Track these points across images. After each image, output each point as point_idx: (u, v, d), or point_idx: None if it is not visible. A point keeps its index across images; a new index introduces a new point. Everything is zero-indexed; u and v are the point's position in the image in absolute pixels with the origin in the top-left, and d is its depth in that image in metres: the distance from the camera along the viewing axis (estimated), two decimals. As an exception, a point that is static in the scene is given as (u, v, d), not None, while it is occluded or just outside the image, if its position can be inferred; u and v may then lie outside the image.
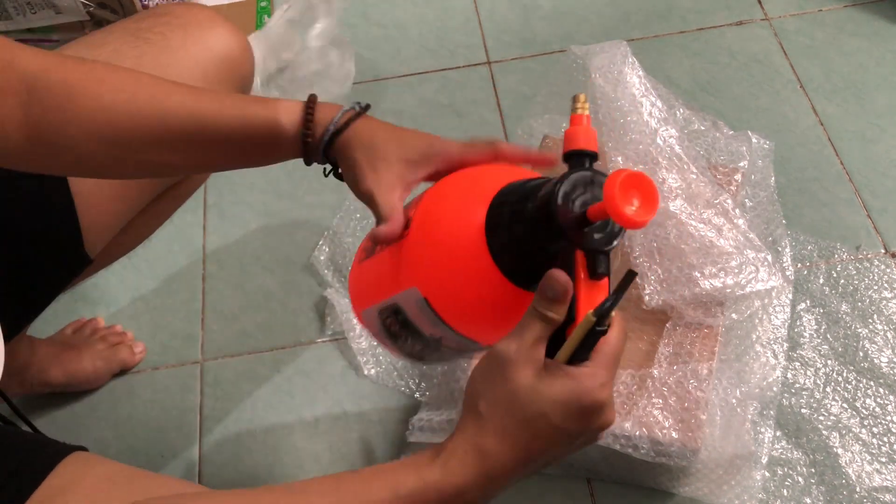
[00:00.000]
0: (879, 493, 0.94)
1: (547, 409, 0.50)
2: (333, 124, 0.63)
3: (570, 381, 0.50)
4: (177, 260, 1.19)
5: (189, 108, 0.63)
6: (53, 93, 0.59)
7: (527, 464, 0.51)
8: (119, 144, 0.62)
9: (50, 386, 1.04)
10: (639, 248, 0.90)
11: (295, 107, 0.64)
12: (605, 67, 0.95)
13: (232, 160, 0.69)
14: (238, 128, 0.63)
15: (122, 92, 0.62)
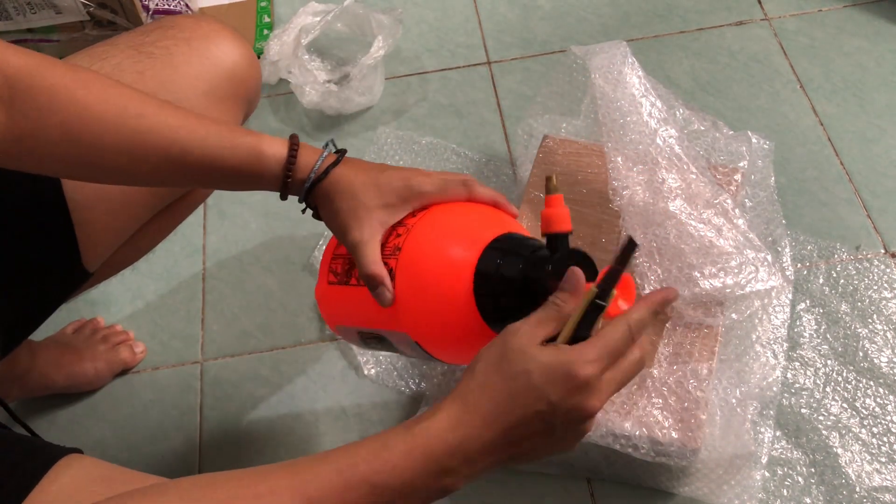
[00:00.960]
0: (879, 492, 0.94)
1: (530, 367, 0.53)
2: (314, 172, 0.67)
3: (558, 351, 0.54)
4: (177, 260, 1.19)
5: (175, 132, 0.64)
6: (35, 95, 0.59)
7: (505, 430, 0.53)
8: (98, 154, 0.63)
9: (51, 388, 1.04)
10: (639, 248, 0.90)
11: (279, 148, 0.67)
12: (605, 67, 0.95)
13: (211, 185, 0.73)
14: (220, 159, 0.65)
15: (108, 104, 0.62)
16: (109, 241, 0.81)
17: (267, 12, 1.44)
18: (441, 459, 0.53)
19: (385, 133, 1.28)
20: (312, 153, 0.68)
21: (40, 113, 0.60)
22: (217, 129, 0.66)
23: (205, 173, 0.66)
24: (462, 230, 0.66)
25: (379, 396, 1.05)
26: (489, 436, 0.53)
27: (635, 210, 0.90)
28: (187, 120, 0.65)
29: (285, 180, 0.67)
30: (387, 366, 1.07)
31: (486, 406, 0.53)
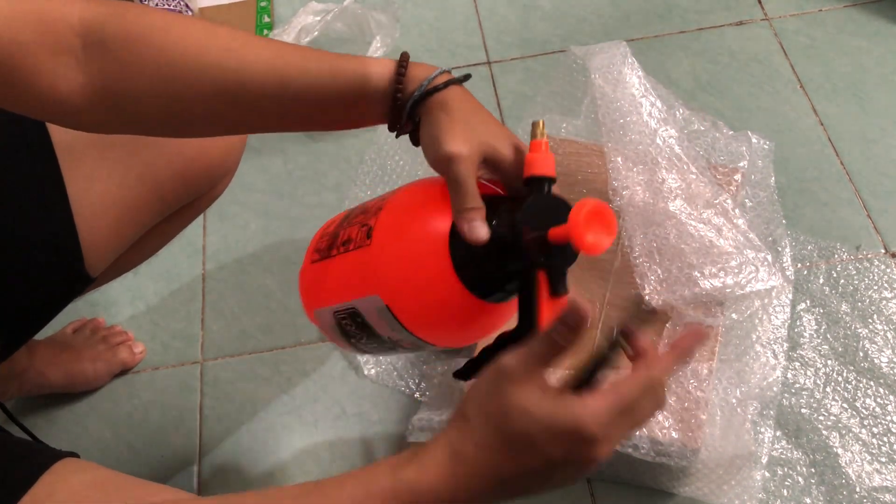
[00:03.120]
0: (879, 493, 0.94)
1: (533, 430, 0.48)
2: (429, 80, 0.59)
3: (564, 406, 0.48)
4: (177, 260, 1.19)
5: (270, 63, 0.57)
6: (111, 47, 0.55)
7: (503, 481, 0.50)
8: (188, 100, 0.57)
9: (50, 387, 1.04)
10: (639, 248, 0.90)
11: (387, 63, 0.60)
12: (604, 67, 0.95)
13: (313, 120, 0.63)
14: (324, 83, 0.58)
15: (191, 44, 0.56)
16: (113, 248, 0.81)
17: (267, 12, 1.44)
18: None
19: (385, 133, 1.28)
20: (426, 68, 0.60)
21: (120, 65, 0.55)
22: (316, 55, 0.59)
23: (307, 104, 0.59)
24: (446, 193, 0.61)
25: (379, 396, 1.05)
26: (481, 490, 0.50)
27: (635, 210, 0.90)
28: (282, 49, 0.59)
29: (395, 94, 0.58)
30: (387, 366, 1.07)
31: (481, 463, 0.49)
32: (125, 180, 0.78)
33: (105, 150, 0.76)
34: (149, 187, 0.80)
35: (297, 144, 1.29)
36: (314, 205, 1.23)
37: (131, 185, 0.79)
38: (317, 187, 1.24)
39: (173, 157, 0.80)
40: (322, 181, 1.25)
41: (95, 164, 0.76)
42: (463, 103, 0.59)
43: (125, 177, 0.78)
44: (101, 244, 0.79)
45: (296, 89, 0.58)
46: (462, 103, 0.59)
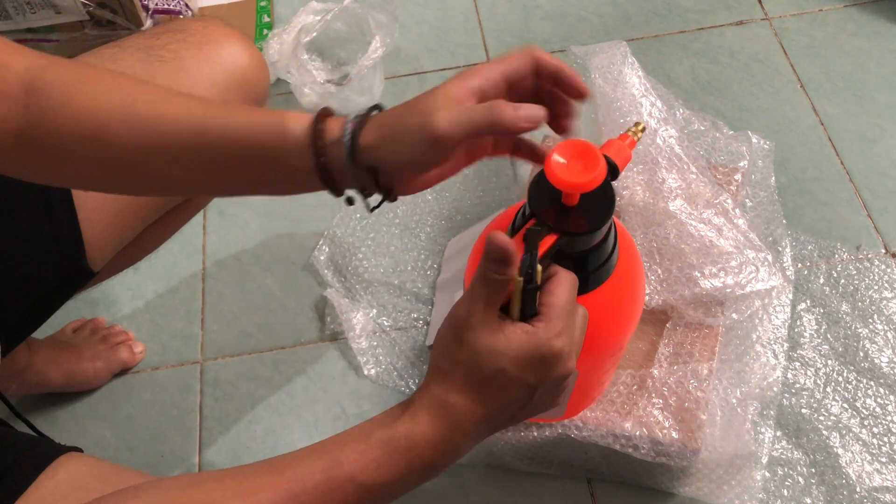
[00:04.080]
0: (880, 493, 0.94)
1: (505, 365, 0.52)
2: (348, 125, 0.55)
3: (524, 335, 0.52)
4: (177, 260, 1.19)
5: (190, 114, 0.58)
6: (49, 93, 0.57)
7: (490, 417, 0.54)
8: (114, 149, 0.58)
9: (49, 386, 1.04)
10: (639, 248, 0.90)
11: (304, 115, 0.58)
12: (604, 67, 0.95)
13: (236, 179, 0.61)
14: (242, 133, 0.57)
15: (119, 94, 0.58)
16: (115, 242, 0.81)
17: (267, 12, 1.43)
18: (426, 456, 0.53)
19: (385, 133, 1.28)
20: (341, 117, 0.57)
21: (55, 112, 0.57)
22: (238, 109, 0.59)
23: (226, 160, 0.58)
24: None
25: (379, 396, 1.05)
26: (471, 428, 0.54)
27: (635, 210, 0.90)
28: (202, 103, 0.59)
29: (316, 150, 0.55)
30: (387, 366, 1.07)
31: (467, 407, 0.53)
32: None
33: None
34: None
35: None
36: (314, 205, 1.23)
37: None
38: (317, 187, 1.24)
39: None
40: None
41: None
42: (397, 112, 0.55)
43: None
44: (103, 238, 0.79)
45: (213, 138, 0.57)
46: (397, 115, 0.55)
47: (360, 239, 1.17)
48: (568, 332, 0.53)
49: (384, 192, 0.57)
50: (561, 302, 0.54)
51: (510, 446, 0.91)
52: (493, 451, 0.93)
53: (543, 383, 0.54)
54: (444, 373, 0.54)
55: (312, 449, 0.54)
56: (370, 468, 0.52)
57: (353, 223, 1.19)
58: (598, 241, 0.59)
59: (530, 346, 0.52)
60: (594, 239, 0.59)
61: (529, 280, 0.52)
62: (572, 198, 0.56)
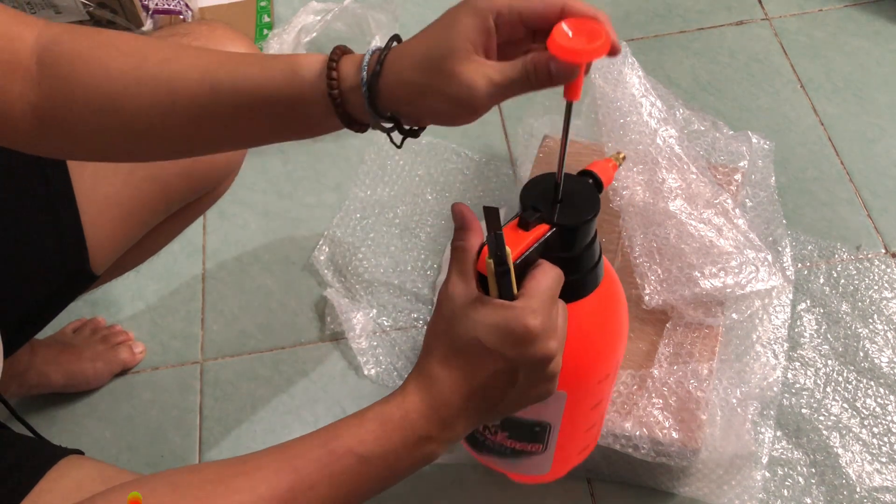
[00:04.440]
0: (880, 493, 0.94)
1: (479, 334, 0.52)
2: (364, 68, 0.53)
3: (500, 308, 0.53)
4: (177, 260, 1.19)
5: (201, 69, 0.56)
6: (61, 63, 0.55)
7: (474, 392, 0.54)
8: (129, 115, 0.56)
9: (50, 387, 1.04)
10: (639, 248, 0.90)
11: (317, 58, 0.55)
12: (604, 67, 0.95)
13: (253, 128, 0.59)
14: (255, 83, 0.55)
15: (131, 57, 0.56)
16: (117, 246, 0.81)
17: (267, 12, 1.43)
18: (419, 427, 0.54)
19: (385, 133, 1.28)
20: (358, 56, 0.55)
21: (68, 84, 0.55)
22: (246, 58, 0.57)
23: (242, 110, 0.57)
24: None
25: (379, 396, 1.04)
26: (458, 401, 0.54)
27: (635, 210, 0.90)
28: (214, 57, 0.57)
29: (331, 91, 0.54)
30: (387, 366, 1.07)
31: (448, 377, 0.54)
32: (131, 178, 0.79)
33: None
34: (154, 186, 0.80)
35: (297, 144, 1.29)
36: (314, 205, 1.23)
37: (137, 184, 0.79)
38: (317, 187, 1.24)
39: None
40: (322, 181, 1.25)
41: (102, 164, 0.77)
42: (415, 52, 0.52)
43: (131, 175, 0.79)
44: (106, 242, 0.79)
45: (227, 92, 0.56)
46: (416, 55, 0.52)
47: (360, 239, 1.17)
48: (544, 312, 0.53)
49: (410, 133, 0.57)
50: (542, 287, 0.54)
51: (510, 446, 0.91)
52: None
53: (522, 362, 0.53)
54: (427, 346, 0.55)
55: (312, 431, 0.55)
56: (368, 440, 0.53)
57: (353, 223, 1.19)
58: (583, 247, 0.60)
59: (503, 319, 0.52)
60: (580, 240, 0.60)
61: (500, 262, 0.53)
62: (574, 90, 0.53)
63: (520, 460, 0.74)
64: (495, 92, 0.51)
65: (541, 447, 0.72)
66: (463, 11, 0.52)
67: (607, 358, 0.68)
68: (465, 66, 0.51)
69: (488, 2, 0.51)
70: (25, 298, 0.77)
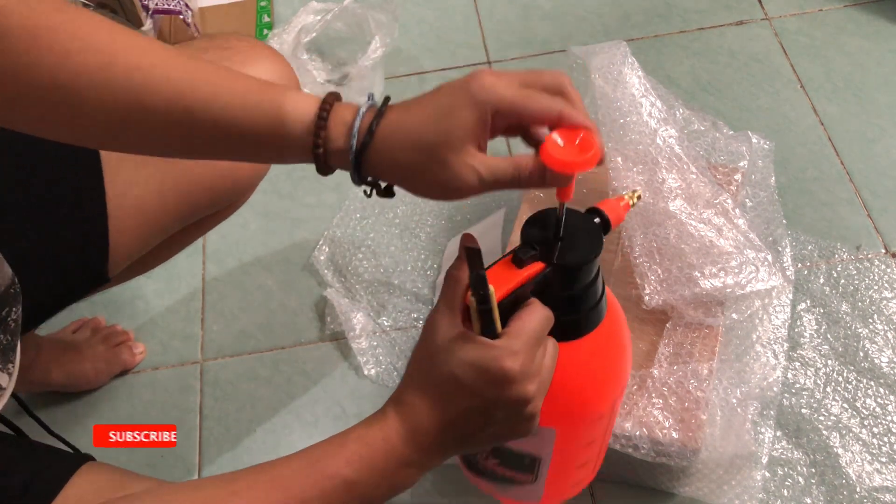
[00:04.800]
0: (880, 493, 0.94)
1: (456, 370, 0.52)
2: (354, 136, 0.52)
3: (479, 347, 0.52)
4: (177, 260, 1.19)
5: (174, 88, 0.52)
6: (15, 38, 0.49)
7: (447, 424, 0.53)
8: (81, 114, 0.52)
9: (50, 385, 1.04)
10: (639, 248, 0.90)
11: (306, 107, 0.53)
12: (604, 67, 0.95)
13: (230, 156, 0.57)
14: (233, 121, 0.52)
15: (96, 54, 0.50)
16: (135, 251, 0.81)
17: (267, 12, 1.43)
18: (399, 452, 0.54)
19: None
20: (349, 111, 0.53)
21: (16, 61, 0.49)
22: (231, 85, 0.53)
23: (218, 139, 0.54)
24: None
25: (379, 396, 1.05)
26: (434, 430, 0.54)
27: (635, 210, 0.90)
28: (196, 73, 0.52)
29: (315, 150, 0.53)
30: (387, 366, 1.07)
31: (424, 406, 0.54)
32: (162, 187, 0.78)
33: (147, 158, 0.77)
34: (180, 196, 0.81)
35: (297, 144, 1.29)
36: (314, 205, 1.23)
37: (165, 193, 0.79)
38: (317, 187, 1.24)
39: (206, 169, 0.81)
40: (322, 181, 1.25)
41: (136, 169, 0.77)
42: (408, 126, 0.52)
43: (162, 184, 0.78)
44: (127, 247, 0.79)
45: (201, 121, 0.52)
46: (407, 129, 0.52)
47: (360, 239, 1.17)
48: (525, 354, 0.52)
49: (386, 194, 0.57)
50: (526, 328, 0.53)
51: (510, 446, 0.91)
52: (493, 451, 0.94)
53: (498, 403, 0.53)
54: (408, 372, 0.56)
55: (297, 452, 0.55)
56: (354, 461, 0.53)
57: (353, 223, 1.19)
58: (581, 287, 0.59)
59: (481, 358, 0.52)
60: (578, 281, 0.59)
61: (482, 301, 0.52)
62: (566, 192, 0.55)
63: (510, 488, 0.74)
64: (485, 186, 0.53)
65: (531, 477, 0.71)
66: (463, 102, 0.52)
67: (603, 398, 0.67)
68: (460, 157, 0.52)
69: (489, 97, 0.52)
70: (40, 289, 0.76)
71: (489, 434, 0.55)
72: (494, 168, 0.53)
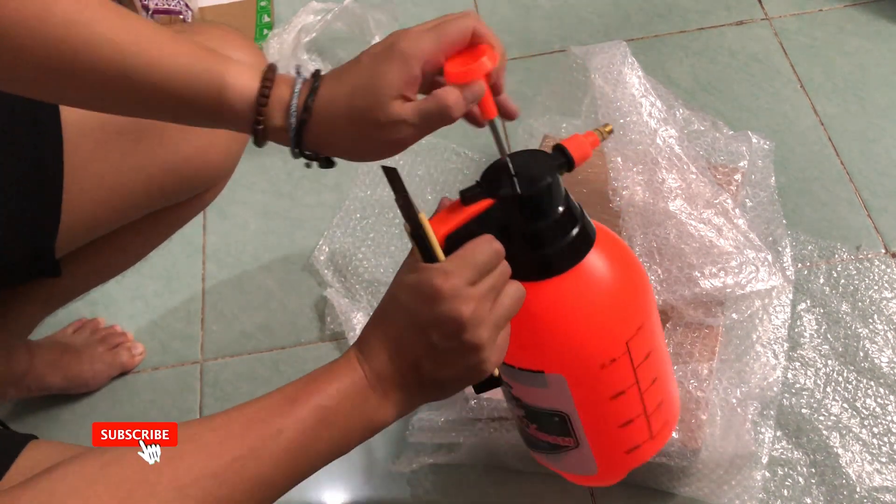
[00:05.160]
0: (880, 493, 0.94)
1: (395, 290, 0.56)
2: (293, 114, 0.56)
3: (415, 269, 0.55)
4: (177, 260, 1.19)
5: (114, 48, 0.51)
6: None
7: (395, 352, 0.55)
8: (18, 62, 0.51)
9: (49, 389, 1.03)
10: (639, 247, 0.90)
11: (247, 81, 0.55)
12: (604, 67, 0.95)
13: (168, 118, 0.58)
14: (172, 89, 0.53)
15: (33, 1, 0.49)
16: (87, 230, 0.79)
17: (267, 12, 1.43)
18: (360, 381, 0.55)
19: (385, 133, 1.28)
20: (286, 88, 0.56)
21: None
22: (172, 50, 0.53)
23: (155, 104, 0.54)
24: None
25: (379, 396, 1.05)
26: (384, 354, 0.56)
27: (635, 210, 0.90)
28: (140, 35, 0.52)
29: (256, 127, 0.56)
30: (387, 366, 1.07)
31: (374, 335, 0.57)
32: (121, 166, 0.77)
33: (110, 133, 0.75)
34: (141, 178, 0.79)
35: (297, 144, 1.29)
36: (314, 205, 1.23)
37: (125, 172, 0.77)
38: (317, 187, 1.24)
39: (172, 152, 0.80)
40: (322, 181, 1.25)
41: (97, 145, 0.75)
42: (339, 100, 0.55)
43: (121, 163, 0.77)
44: (78, 223, 0.77)
45: (139, 82, 0.52)
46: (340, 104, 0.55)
47: (360, 239, 1.17)
48: (458, 275, 0.53)
49: (325, 165, 0.60)
50: (465, 252, 0.55)
51: (510, 446, 0.91)
52: (493, 451, 0.93)
53: (429, 321, 0.54)
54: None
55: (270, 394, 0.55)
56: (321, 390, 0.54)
57: (353, 223, 1.19)
58: (544, 221, 0.59)
59: (414, 278, 0.55)
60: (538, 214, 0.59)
61: (415, 226, 0.55)
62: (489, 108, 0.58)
63: (561, 456, 0.72)
64: (418, 130, 0.56)
65: (572, 441, 0.69)
66: (389, 58, 0.55)
67: (606, 338, 0.64)
68: (389, 113, 0.54)
69: (415, 49, 0.55)
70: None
71: (439, 365, 0.55)
72: (420, 109, 0.55)
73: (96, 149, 0.76)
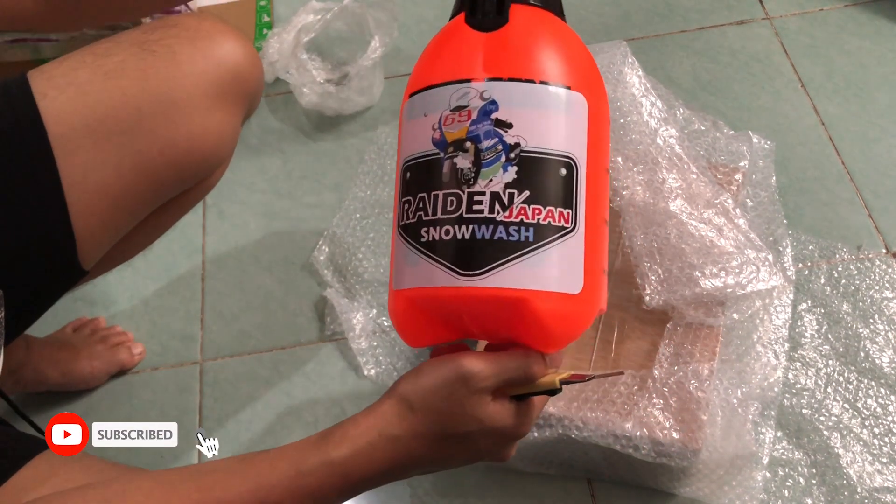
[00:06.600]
0: (880, 493, 0.94)
1: (474, 430, 0.55)
2: None
3: (510, 414, 0.57)
4: (176, 260, 1.19)
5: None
6: None
7: (431, 463, 0.57)
8: None
9: (46, 384, 1.03)
10: (639, 248, 0.89)
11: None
12: (604, 67, 0.95)
13: None
14: None
15: None
16: (106, 238, 0.80)
17: (266, 11, 1.43)
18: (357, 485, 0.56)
19: (385, 133, 1.28)
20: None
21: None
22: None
23: None
24: None
25: (378, 396, 1.04)
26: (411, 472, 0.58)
27: (635, 210, 0.90)
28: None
29: None
30: (387, 366, 1.07)
31: (418, 452, 0.56)
32: (120, 170, 0.77)
33: (100, 139, 0.75)
34: (143, 176, 0.79)
35: (297, 144, 1.29)
36: (314, 205, 1.23)
37: (125, 175, 0.78)
38: (317, 187, 1.24)
39: (167, 146, 0.80)
40: (322, 181, 1.25)
41: (90, 154, 0.75)
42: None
43: (119, 166, 0.77)
44: (95, 235, 0.78)
45: None
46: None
47: (360, 239, 1.17)
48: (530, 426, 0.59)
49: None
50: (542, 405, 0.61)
51: (510, 447, 0.91)
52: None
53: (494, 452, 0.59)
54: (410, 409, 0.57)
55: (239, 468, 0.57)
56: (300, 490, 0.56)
57: (353, 223, 1.19)
58: None
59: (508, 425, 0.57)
60: None
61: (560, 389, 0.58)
62: None
63: (543, 254, 0.55)
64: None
65: (570, 219, 0.56)
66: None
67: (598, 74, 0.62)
68: None
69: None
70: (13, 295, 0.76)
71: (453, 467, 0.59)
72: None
73: (90, 157, 0.76)
